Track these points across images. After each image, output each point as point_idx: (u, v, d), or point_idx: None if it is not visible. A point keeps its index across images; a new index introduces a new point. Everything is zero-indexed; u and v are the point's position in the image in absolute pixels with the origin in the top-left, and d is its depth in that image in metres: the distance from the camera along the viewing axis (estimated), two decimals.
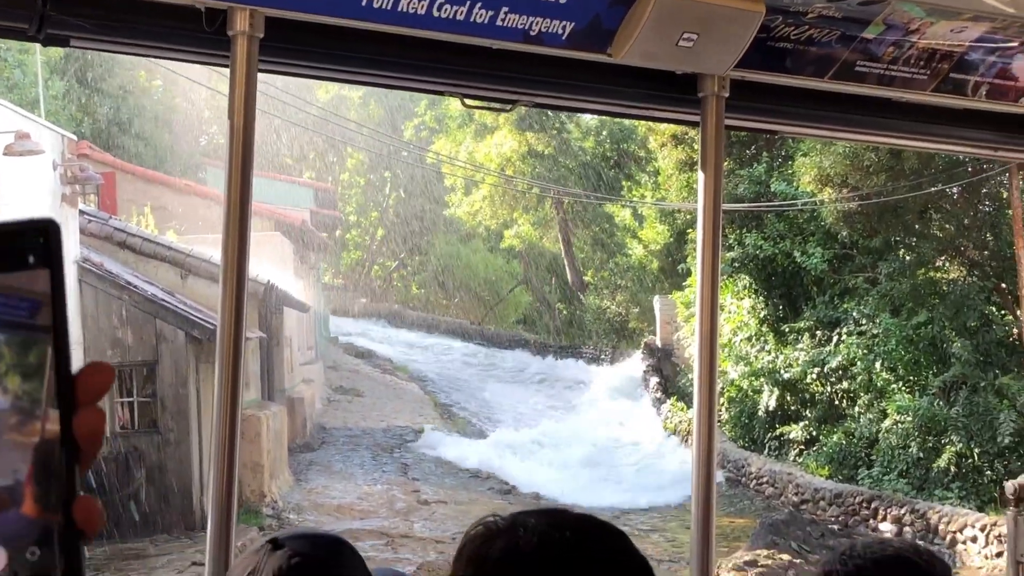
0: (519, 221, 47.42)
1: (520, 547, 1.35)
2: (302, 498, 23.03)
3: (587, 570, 1.35)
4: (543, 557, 1.34)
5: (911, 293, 23.87)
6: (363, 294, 54.77)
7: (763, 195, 27.02)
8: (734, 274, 27.79)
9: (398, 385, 38.35)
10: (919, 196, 22.53)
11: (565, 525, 1.39)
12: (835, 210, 23.31)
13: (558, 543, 1.36)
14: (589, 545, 1.37)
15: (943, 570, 1.97)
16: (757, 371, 26.65)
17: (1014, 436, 20.82)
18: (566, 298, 49.24)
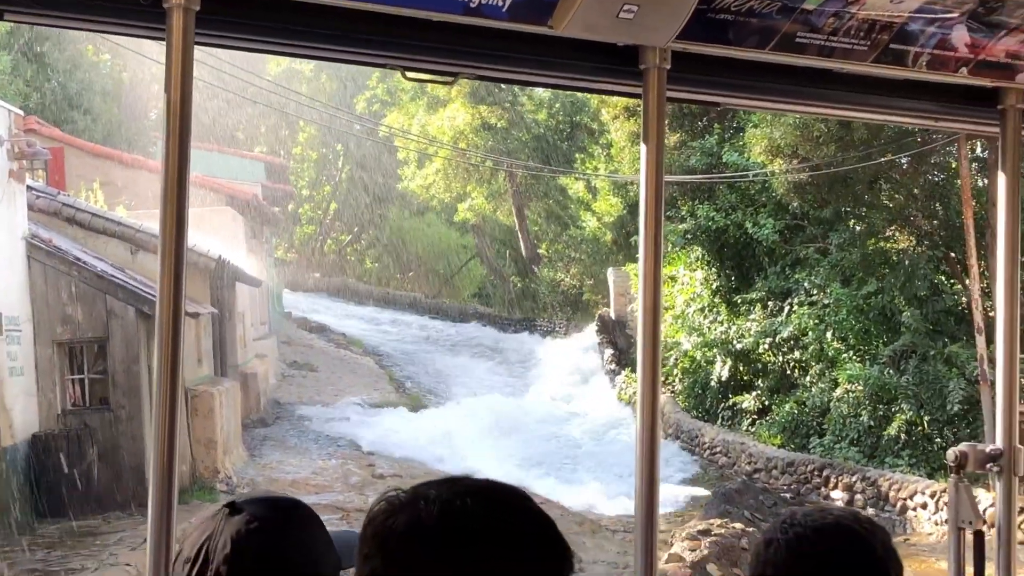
0: (473, 194, 47.30)
1: (422, 520, 1.35)
2: (256, 473, 22.94)
3: (490, 536, 1.34)
4: (446, 528, 1.34)
5: (861, 263, 24.06)
6: (317, 269, 54.51)
7: (715, 166, 27.12)
8: (687, 246, 27.91)
9: (352, 359, 38.24)
10: (869, 166, 22.67)
11: (466, 492, 1.38)
12: (786, 181, 23.42)
13: (459, 512, 1.35)
14: (491, 510, 1.37)
15: (883, 537, 1.99)
16: (710, 342, 26.80)
17: (963, 404, 21.06)
18: (520, 271, 49.23)
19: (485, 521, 1.35)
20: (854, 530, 1.96)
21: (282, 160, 46.04)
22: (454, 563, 1.31)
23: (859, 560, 1.92)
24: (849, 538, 1.94)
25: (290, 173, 48.67)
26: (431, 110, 45.36)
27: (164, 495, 2.16)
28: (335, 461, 24.71)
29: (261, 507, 1.79)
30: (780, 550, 1.94)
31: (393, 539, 1.35)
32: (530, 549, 1.36)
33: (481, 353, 41.53)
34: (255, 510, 1.77)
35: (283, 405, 30.52)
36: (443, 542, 1.32)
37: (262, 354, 31.16)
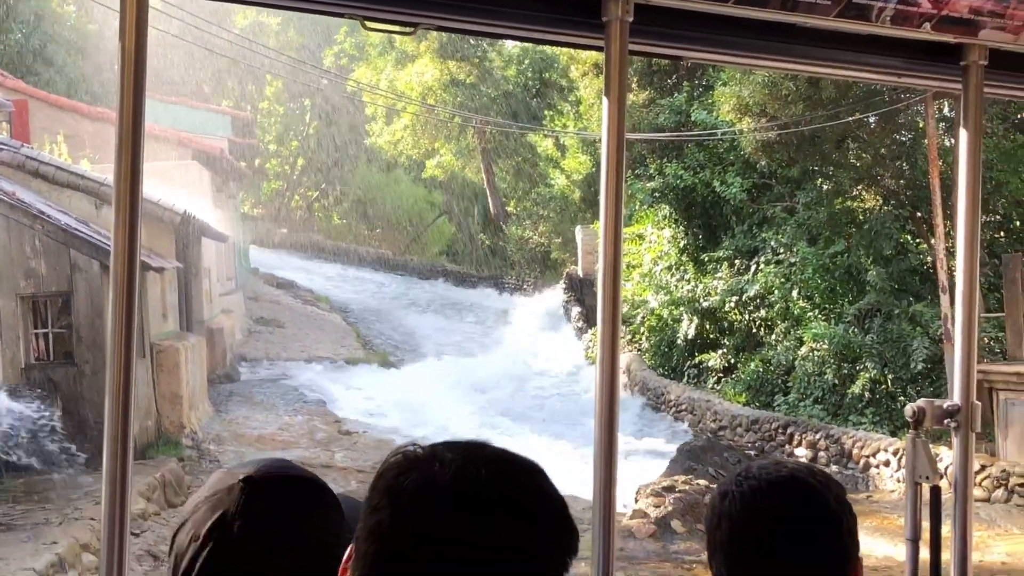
0: (441, 151, 47.14)
1: (436, 481, 1.35)
2: (222, 429, 22.91)
3: (502, 507, 1.35)
4: (458, 493, 1.34)
5: (828, 222, 24.16)
6: (284, 224, 54.28)
7: (684, 125, 27.12)
8: (654, 204, 27.93)
9: (319, 316, 38.16)
10: (837, 125, 22.72)
11: (482, 461, 1.39)
12: (754, 140, 23.46)
13: (474, 480, 1.35)
14: (504, 483, 1.37)
15: (837, 490, 2.00)
16: (677, 300, 26.88)
17: (927, 362, 21.24)
18: (489, 229, 49.17)
19: (499, 491, 1.36)
20: (808, 483, 1.96)
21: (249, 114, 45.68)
22: (463, 527, 1.32)
23: (813, 513, 1.93)
24: (803, 491, 1.95)
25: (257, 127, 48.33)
26: (399, 65, 45.08)
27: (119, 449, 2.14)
28: (301, 417, 24.70)
29: (283, 486, 1.69)
30: (735, 503, 1.95)
31: (405, 495, 1.35)
32: (540, 526, 1.37)
33: (449, 310, 41.55)
34: (276, 490, 1.67)
35: (249, 361, 30.45)
36: (455, 505, 1.33)
37: (228, 310, 31.06)
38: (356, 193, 53.90)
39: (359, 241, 53.97)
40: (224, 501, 1.64)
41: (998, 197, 22.87)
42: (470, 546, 1.32)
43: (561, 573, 1.39)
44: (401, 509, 1.35)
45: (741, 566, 1.94)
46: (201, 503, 1.67)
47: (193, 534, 1.63)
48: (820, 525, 1.94)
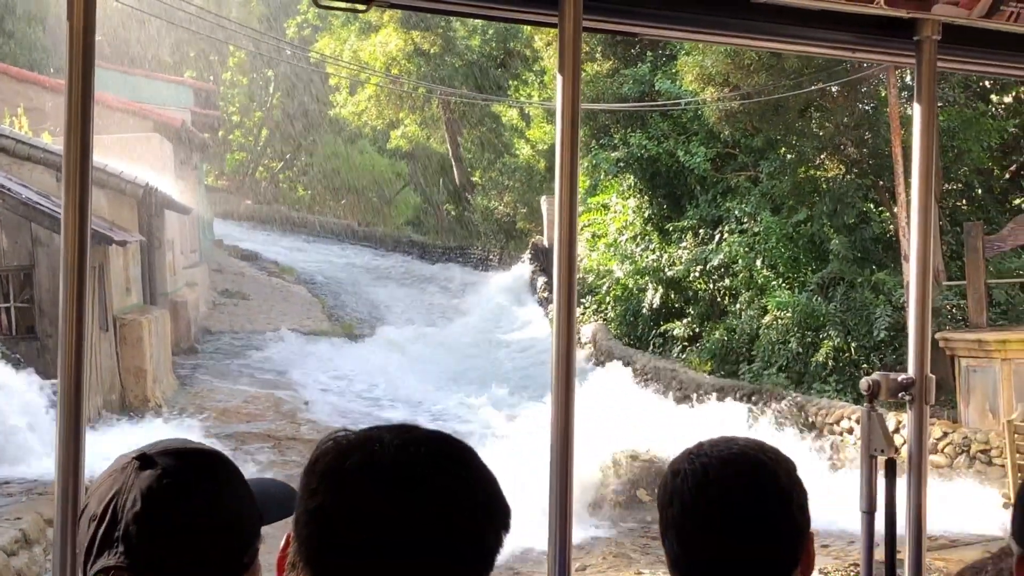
0: (405, 121, 46.96)
1: (375, 460, 1.37)
2: (187, 402, 22.84)
3: (440, 486, 1.37)
4: (398, 471, 1.36)
5: (791, 191, 24.26)
6: (248, 196, 53.98)
7: (647, 94, 27.11)
8: (619, 174, 27.94)
9: (284, 287, 38.05)
10: (800, 95, 22.78)
11: (419, 442, 1.41)
12: (717, 109, 23.47)
13: (412, 459, 1.38)
14: (441, 461, 1.40)
15: (787, 466, 2.01)
16: (642, 269, 26.92)
17: (889, 330, 21.39)
18: (454, 199, 49.05)
19: (437, 470, 1.38)
20: (759, 459, 1.98)
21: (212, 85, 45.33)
22: (404, 506, 1.34)
23: (763, 489, 1.94)
24: (753, 468, 1.96)
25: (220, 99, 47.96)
26: (363, 35, 44.80)
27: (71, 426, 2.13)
28: (266, 390, 24.66)
29: (175, 460, 1.67)
30: (687, 480, 1.96)
31: (346, 476, 1.36)
32: (475, 504, 1.40)
33: (414, 282, 41.51)
34: (169, 463, 1.65)
35: (214, 333, 30.36)
36: (395, 484, 1.35)
37: (192, 282, 30.92)
38: (321, 164, 53.63)
39: (324, 212, 53.76)
40: (119, 479, 1.64)
41: (960, 165, 23.01)
42: (410, 524, 1.34)
43: (496, 549, 1.42)
44: (342, 491, 1.36)
45: (694, 543, 1.95)
46: (100, 483, 1.67)
47: (92, 513, 1.64)
48: (771, 501, 1.95)
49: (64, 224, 2.19)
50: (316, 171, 54.17)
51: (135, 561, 1.59)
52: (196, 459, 1.72)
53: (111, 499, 1.62)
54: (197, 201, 32.98)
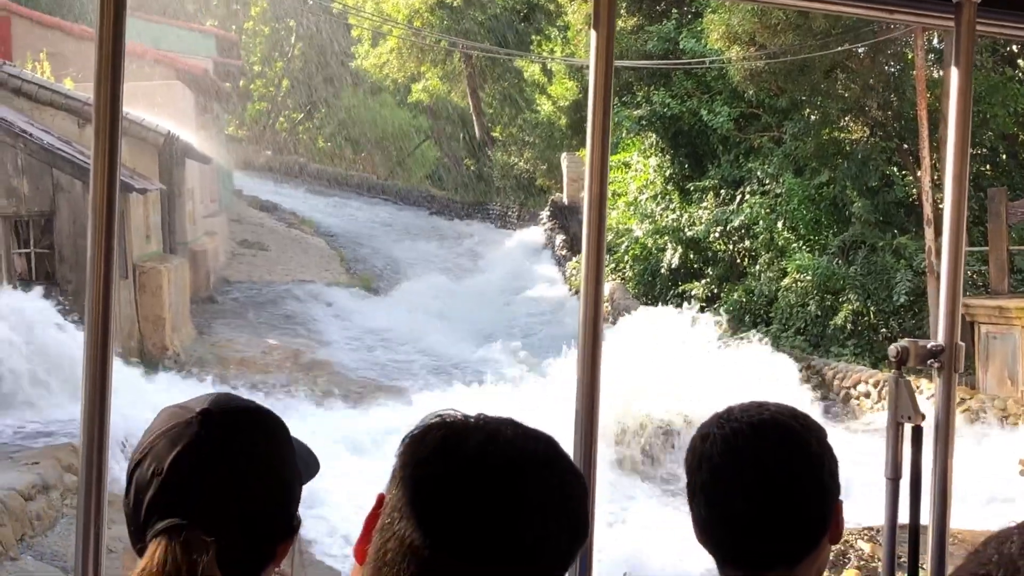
0: (427, 75, 46.76)
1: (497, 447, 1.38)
2: (205, 352, 22.91)
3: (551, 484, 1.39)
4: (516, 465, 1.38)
5: (815, 153, 24.12)
6: (268, 147, 53.92)
7: (672, 52, 26.93)
8: (641, 132, 27.82)
9: (303, 239, 38.07)
10: (826, 56, 22.59)
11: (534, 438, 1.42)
12: (742, 68, 23.31)
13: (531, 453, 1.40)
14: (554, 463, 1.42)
15: (818, 433, 1.99)
16: (661, 229, 26.85)
17: (909, 295, 21.32)
18: (474, 154, 48.90)
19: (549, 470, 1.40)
20: (790, 426, 1.96)
21: (234, 35, 45.19)
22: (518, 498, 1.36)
23: (793, 454, 1.93)
24: (784, 434, 1.95)
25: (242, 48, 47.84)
26: None
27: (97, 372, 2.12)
28: (284, 340, 24.72)
29: (237, 418, 1.69)
30: (716, 444, 1.95)
31: (463, 458, 1.37)
32: (573, 514, 1.41)
33: (433, 236, 41.46)
34: (230, 421, 1.67)
35: (233, 283, 30.42)
36: (516, 474, 1.37)
37: (212, 232, 30.95)
38: (341, 116, 53.50)
39: (344, 164, 53.69)
40: (184, 435, 1.65)
41: (985, 131, 22.85)
42: (514, 514, 1.34)
43: (573, 560, 1.43)
44: (456, 471, 1.36)
45: (722, 508, 1.94)
46: (158, 438, 1.67)
47: (155, 468, 1.63)
48: (800, 467, 1.94)
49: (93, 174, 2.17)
50: (336, 123, 54.06)
51: (204, 519, 1.60)
52: (257, 418, 1.74)
53: (178, 455, 1.63)
54: (217, 151, 32.96)
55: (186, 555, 1.56)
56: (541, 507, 1.36)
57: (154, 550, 1.58)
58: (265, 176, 49.11)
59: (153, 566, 1.56)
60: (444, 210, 46.41)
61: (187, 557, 1.56)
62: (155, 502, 1.62)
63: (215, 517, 1.60)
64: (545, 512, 1.36)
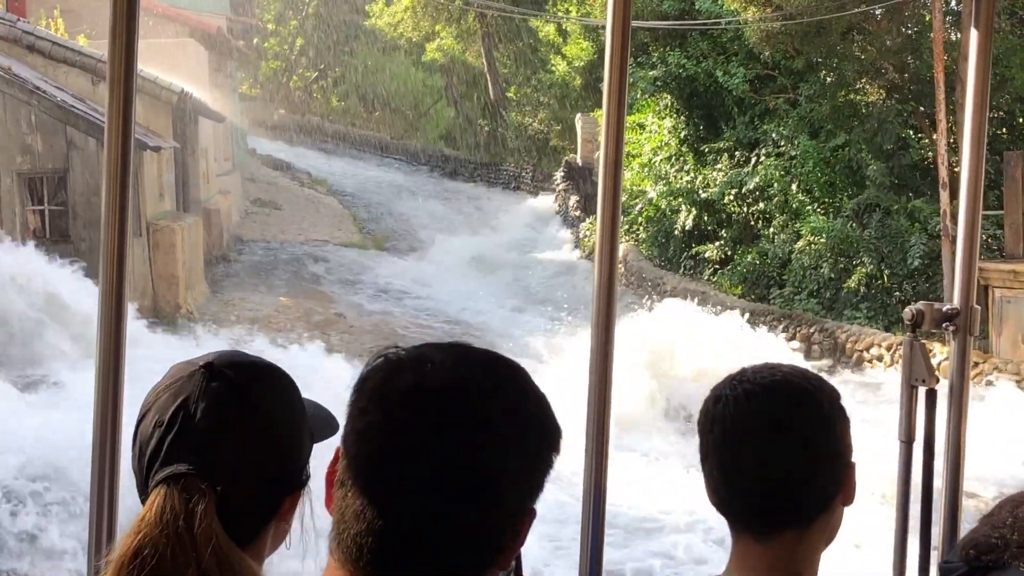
0: (441, 34, 46.60)
1: (426, 381, 1.36)
2: (218, 310, 22.98)
3: (492, 406, 1.37)
4: (448, 392, 1.36)
5: (831, 115, 24.00)
6: (282, 105, 53.84)
7: (688, 12, 26.77)
8: (656, 93, 27.70)
9: (317, 199, 38.09)
10: (843, 17, 22.43)
11: (471, 362, 1.41)
12: (759, 29, 23.16)
13: (464, 378, 1.37)
14: (493, 381, 1.40)
15: (831, 394, 1.99)
16: (675, 191, 26.79)
17: (923, 259, 21.27)
18: (488, 115, 48.75)
19: (488, 391, 1.38)
20: (802, 387, 1.96)
21: None
22: (454, 427, 1.34)
23: (806, 416, 1.93)
24: (797, 395, 1.95)
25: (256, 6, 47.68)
26: None
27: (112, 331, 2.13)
28: (297, 299, 24.77)
29: (241, 371, 1.70)
30: (728, 406, 1.95)
31: (395, 395, 1.36)
32: (528, 424, 1.40)
33: (447, 197, 41.45)
34: (235, 374, 1.68)
35: (246, 242, 30.48)
36: (446, 404, 1.35)
37: (225, 191, 30.98)
38: (355, 75, 53.36)
39: (357, 124, 53.61)
40: (186, 387, 1.66)
41: (1002, 93, 22.66)
42: (460, 443, 1.34)
43: (546, 470, 1.42)
44: (392, 410, 1.35)
45: (734, 469, 1.94)
46: (162, 391, 1.69)
47: (157, 420, 1.66)
48: (813, 428, 1.94)
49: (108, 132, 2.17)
50: (350, 82, 53.93)
51: (204, 468, 1.61)
52: (261, 371, 1.75)
53: (179, 407, 1.65)
54: (231, 109, 32.93)
55: (183, 503, 1.57)
56: (480, 441, 1.34)
57: (153, 499, 1.60)
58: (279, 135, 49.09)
59: (152, 515, 1.58)
60: (458, 170, 46.36)
61: (185, 505, 1.57)
62: (156, 453, 1.64)
63: (216, 467, 1.62)
64: (489, 446, 1.34)
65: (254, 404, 1.68)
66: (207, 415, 1.64)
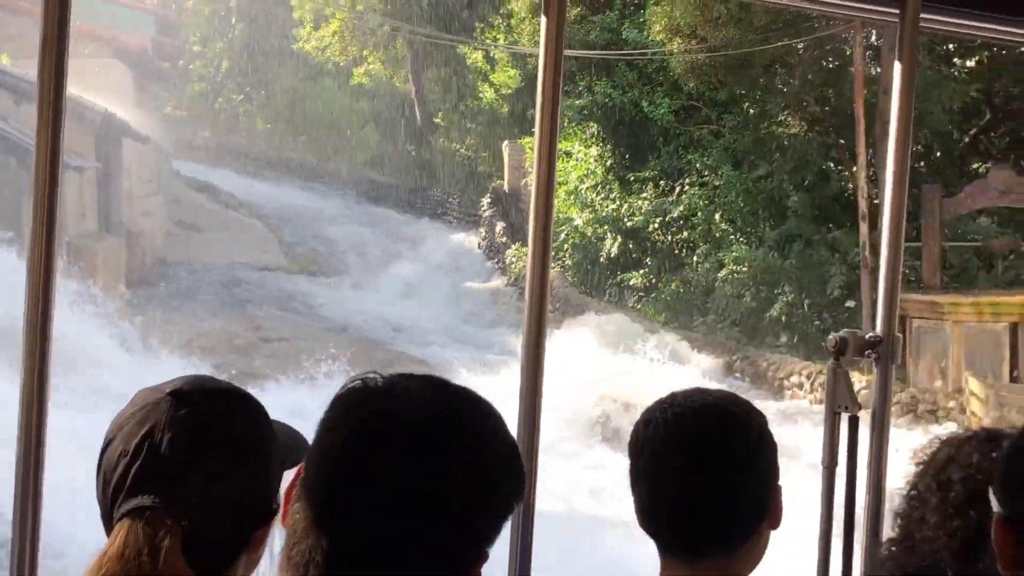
0: (369, 59, 46.52)
1: (396, 409, 1.35)
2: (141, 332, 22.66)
3: (460, 443, 1.36)
4: (419, 424, 1.35)
5: (753, 146, 24.33)
6: (207, 127, 53.32)
7: (614, 43, 27.00)
8: (582, 122, 27.88)
9: (241, 221, 37.71)
10: (766, 50, 22.76)
11: (449, 397, 1.40)
12: (684, 61, 23.43)
13: (436, 412, 1.37)
14: (467, 421, 1.39)
15: (759, 420, 2.02)
16: (601, 218, 26.94)
17: (843, 288, 21.57)
18: (415, 140, 48.68)
19: (459, 428, 1.37)
20: (731, 411, 1.99)
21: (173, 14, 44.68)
22: (417, 457, 1.33)
23: (734, 440, 1.96)
24: (725, 419, 1.98)
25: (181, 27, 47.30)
26: None
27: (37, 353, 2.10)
28: (220, 322, 24.51)
29: (211, 399, 1.65)
30: (659, 429, 1.97)
31: (363, 417, 1.36)
32: (492, 469, 1.38)
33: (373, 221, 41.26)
34: (205, 402, 1.64)
35: (170, 264, 30.11)
36: (413, 433, 1.34)
37: (149, 212, 30.60)
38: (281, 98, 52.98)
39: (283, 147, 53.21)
40: (152, 415, 1.61)
41: (920, 128, 23.09)
42: (423, 475, 1.32)
43: (506, 514, 1.41)
44: (357, 432, 1.35)
45: (663, 492, 1.97)
46: (127, 420, 1.63)
47: (122, 450, 1.60)
48: (741, 452, 1.97)
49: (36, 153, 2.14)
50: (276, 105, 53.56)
51: (170, 501, 1.56)
52: (230, 398, 1.70)
53: (145, 436, 1.59)
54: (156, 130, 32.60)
55: (148, 538, 1.53)
56: (442, 475, 1.33)
57: (117, 532, 1.55)
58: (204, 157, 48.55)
59: (115, 550, 1.53)
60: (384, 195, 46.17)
61: (149, 540, 1.53)
62: (121, 484, 1.59)
63: (184, 500, 1.57)
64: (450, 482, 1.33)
65: (223, 433, 1.64)
66: (174, 445, 1.59)
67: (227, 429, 1.64)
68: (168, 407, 1.61)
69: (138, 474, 1.58)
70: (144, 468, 1.58)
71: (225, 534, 1.62)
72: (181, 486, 1.57)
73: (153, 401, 1.63)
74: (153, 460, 1.58)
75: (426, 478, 1.32)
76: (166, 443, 1.59)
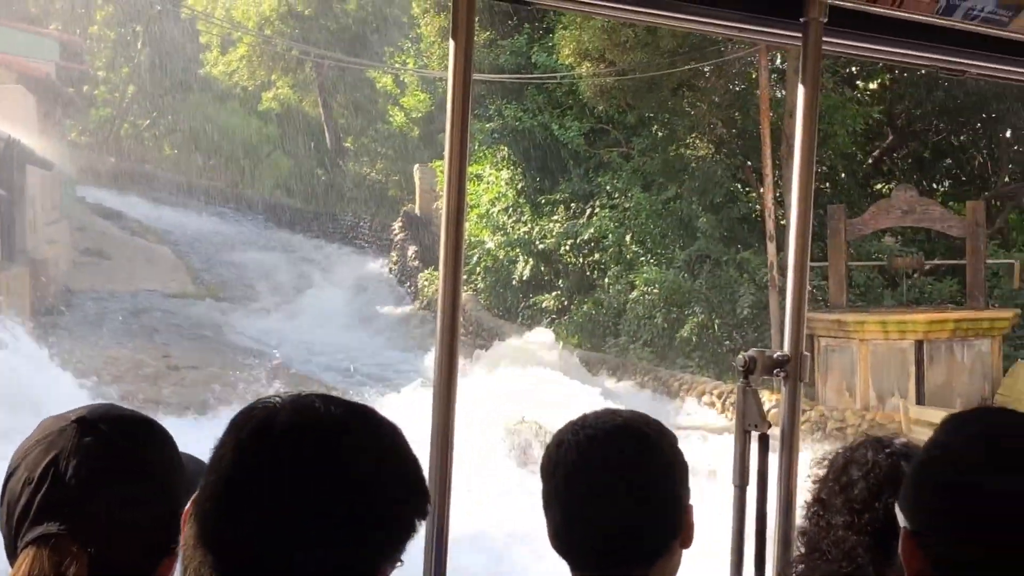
0: (278, 83, 46.27)
1: (279, 417, 1.33)
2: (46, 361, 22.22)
3: (354, 457, 1.33)
4: (309, 434, 1.32)
5: (662, 168, 24.56)
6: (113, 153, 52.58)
7: (524, 67, 27.14)
8: (493, 145, 27.96)
9: (149, 248, 37.25)
10: (673, 74, 23.01)
11: (345, 413, 1.36)
12: (593, 85, 23.61)
13: (329, 426, 1.34)
14: (365, 436, 1.36)
15: (670, 439, 2.04)
16: (513, 241, 27.02)
17: (752, 308, 21.82)
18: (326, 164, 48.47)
19: (356, 443, 1.34)
20: (642, 431, 2.00)
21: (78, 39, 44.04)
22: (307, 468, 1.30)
23: (646, 460, 1.97)
24: (637, 439, 1.99)
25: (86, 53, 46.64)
26: None
27: None
28: (128, 351, 24.15)
29: (116, 426, 1.63)
30: (571, 450, 1.97)
31: (249, 429, 1.33)
32: (391, 484, 1.35)
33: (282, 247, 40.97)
34: (110, 429, 1.62)
35: (75, 293, 29.63)
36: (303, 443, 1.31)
37: (54, 240, 30.10)
38: (189, 123, 52.47)
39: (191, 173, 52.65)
40: (57, 442, 1.60)
41: (825, 149, 23.50)
42: (315, 488, 1.29)
43: (408, 533, 1.38)
44: (242, 450, 1.32)
45: (576, 513, 1.97)
46: (31, 448, 1.61)
47: (27, 477, 1.58)
48: (653, 472, 1.98)
49: None
50: (184, 130, 53.01)
51: (76, 528, 1.54)
52: (136, 425, 1.68)
53: (49, 463, 1.57)
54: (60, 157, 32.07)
55: (54, 565, 1.50)
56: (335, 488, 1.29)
57: (21, 561, 1.52)
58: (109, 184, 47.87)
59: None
60: (295, 219, 45.86)
61: (55, 568, 1.50)
62: (26, 512, 1.56)
63: (89, 527, 1.54)
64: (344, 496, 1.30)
65: (129, 460, 1.62)
66: (79, 472, 1.57)
67: (133, 455, 1.63)
68: (73, 434, 1.60)
69: (43, 501, 1.56)
70: (49, 495, 1.56)
71: (132, 561, 1.59)
72: (87, 513, 1.55)
73: (58, 429, 1.61)
74: (58, 487, 1.56)
75: (312, 488, 1.29)
76: (71, 470, 1.57)
